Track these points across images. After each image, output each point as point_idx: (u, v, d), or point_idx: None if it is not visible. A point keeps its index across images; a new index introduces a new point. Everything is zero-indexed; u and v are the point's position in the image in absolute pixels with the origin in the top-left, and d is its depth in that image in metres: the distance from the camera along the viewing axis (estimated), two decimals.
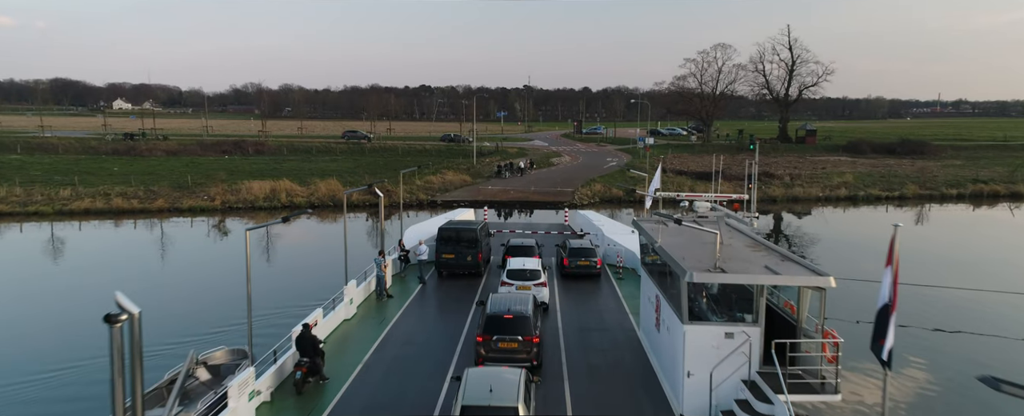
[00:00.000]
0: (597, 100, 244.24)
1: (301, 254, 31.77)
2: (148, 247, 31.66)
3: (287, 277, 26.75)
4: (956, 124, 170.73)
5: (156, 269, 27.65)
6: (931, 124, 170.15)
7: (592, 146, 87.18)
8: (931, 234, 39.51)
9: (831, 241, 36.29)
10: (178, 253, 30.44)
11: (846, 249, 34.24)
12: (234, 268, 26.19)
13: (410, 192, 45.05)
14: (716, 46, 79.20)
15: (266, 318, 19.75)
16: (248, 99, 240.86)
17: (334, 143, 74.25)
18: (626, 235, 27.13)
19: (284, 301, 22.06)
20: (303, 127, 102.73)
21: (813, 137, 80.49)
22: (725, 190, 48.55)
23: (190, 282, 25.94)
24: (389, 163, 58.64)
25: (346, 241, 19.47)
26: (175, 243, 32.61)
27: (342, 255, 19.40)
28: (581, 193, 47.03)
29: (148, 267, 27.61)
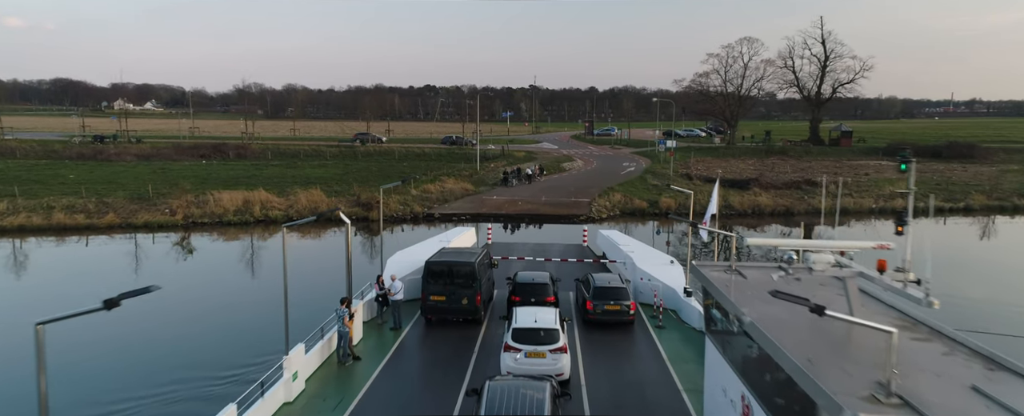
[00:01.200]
0: (604, 100, 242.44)
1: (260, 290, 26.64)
2: (58, 276, 26.77)
3: (229, 332, 21.23)
4: (984, 124, 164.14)
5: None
6: (962, 124, 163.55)
7: (606, 149, 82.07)
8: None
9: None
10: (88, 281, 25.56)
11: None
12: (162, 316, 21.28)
13: (404, 203, 40.19)
14: (742, 40, 74.09)
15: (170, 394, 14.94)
16: (251, 99, 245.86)
17: (325, 146, 69.50)
18: (662, 265, 22.06)
19: (208, 369, 17.12)
20: (296, 128, 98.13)
21: (848, 139, 74.98)
22: (764, 200, 43.36)
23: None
24: (383, 169, 53.80)
25: (349, 264, 14.70)
26: (95, 270, 27.78)
27: (314, 292, 14.52)
28: (599, 204, 41.95)
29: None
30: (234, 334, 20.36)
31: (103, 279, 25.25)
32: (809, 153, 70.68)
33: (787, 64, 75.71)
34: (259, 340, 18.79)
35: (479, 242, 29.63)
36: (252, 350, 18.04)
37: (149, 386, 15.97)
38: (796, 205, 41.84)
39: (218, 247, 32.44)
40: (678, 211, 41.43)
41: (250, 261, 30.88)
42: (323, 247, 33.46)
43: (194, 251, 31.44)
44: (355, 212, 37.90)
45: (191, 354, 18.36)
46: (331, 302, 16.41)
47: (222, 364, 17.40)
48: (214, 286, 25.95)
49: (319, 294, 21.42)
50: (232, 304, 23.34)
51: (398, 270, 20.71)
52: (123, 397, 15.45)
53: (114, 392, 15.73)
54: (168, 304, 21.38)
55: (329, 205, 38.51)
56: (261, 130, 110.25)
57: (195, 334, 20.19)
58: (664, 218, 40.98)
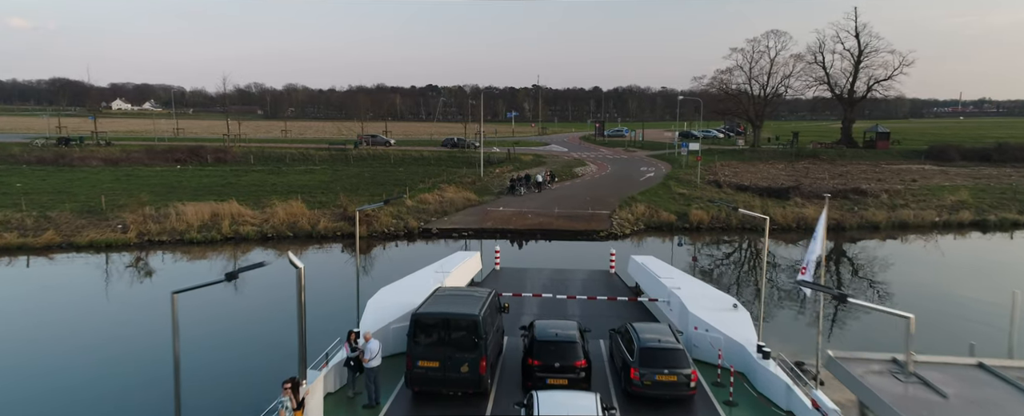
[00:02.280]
0: (609, 100, 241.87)
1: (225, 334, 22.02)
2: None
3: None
4: (1011, 124, 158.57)
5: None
6: (990, 124, 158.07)
7: (619, 151, 77.34)
8: None
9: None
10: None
11: None
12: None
13: (397, 216, 35.53)
14: (768, 33, 69.26)
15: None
16: (252, 99, 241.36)
17: (316, 149, 64.89)
18: (723, 310, 17.25)
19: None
20: (287, 130, 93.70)
21: (886, 141, 69.98)
22: (809, 213, 38.50)
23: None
24: (376, 176, 49.18)
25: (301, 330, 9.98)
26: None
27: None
28: (620, 217, 37.20)
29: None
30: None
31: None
32: (843, 156, 65.79)
33: (817, 59, 70.89)
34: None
35: (485, 268, 24.94)
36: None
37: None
38: (847, 218, 36.99)
39: (173, 270, 27.82)
40: (716, 224, 36.70)
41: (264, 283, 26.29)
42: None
43: (149, 272, 26.83)
44: (340, 227, 33.33)
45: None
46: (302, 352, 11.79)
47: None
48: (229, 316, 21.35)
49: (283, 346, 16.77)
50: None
51: (380, 318, 16.05)
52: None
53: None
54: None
55: (310, 219, 34.00)
56: (253, 131, 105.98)
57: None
58: (697, 233, 36.27)
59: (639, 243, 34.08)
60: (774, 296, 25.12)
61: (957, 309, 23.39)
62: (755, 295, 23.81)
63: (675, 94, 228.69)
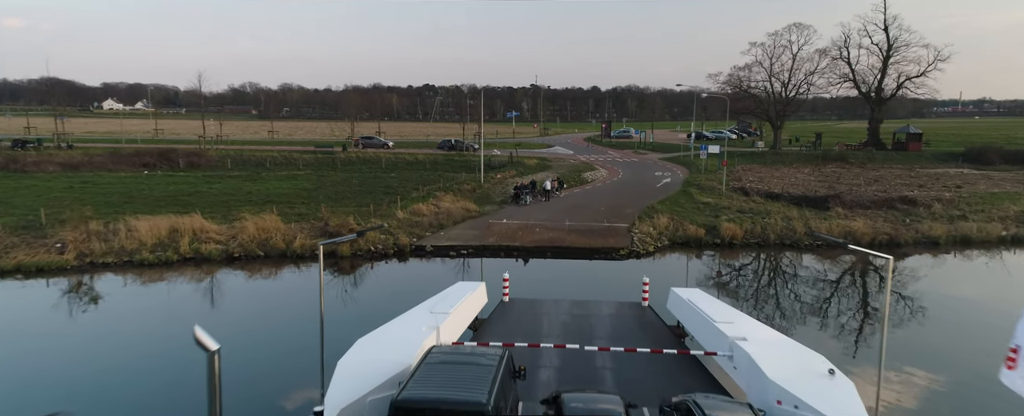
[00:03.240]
0: (608, 100, 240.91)
1: None
2: None
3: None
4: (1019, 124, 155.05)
5: None
6: (1001, 124, 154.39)
7: (628, 154, 73.23)
8: None
9: None
10: None
11: None
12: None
13: (387, 233, 31.32)
14: (790, 26, 65.16)
15: None
16: (247, 99, 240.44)
17: (300, 152, 60.60)
18: (813, 375, 12.85)
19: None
20: (274, 130, 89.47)
21: (918, 143, 65.88)
22: (857, 227, 34.41)
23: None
24: (365, 182, 44.95)
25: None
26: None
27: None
28: (642, 232, 33.03)
29: None
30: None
31: None
32: (872, 159, 61.72)
33: (842, 55, 66.84)
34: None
35: (492, 302, 20.70)
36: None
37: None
38: (901, 233, 32.81)
39: (111, 304, 23.55)
40: (751, 240, 32.52)
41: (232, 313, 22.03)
42: (288, 296, 24.47)
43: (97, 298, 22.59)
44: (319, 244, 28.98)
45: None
46: None
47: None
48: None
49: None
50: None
51: (353, 388, 11.73)
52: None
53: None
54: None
55: (285, 235, 29.76)
56: (240, 131, 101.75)
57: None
58: (729, 249, 32.08)
59: (660, 259, 29.89)
60: (861, 345, 20.91)
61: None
62: (842, 351, 19.56)
63: (675, 94, 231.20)
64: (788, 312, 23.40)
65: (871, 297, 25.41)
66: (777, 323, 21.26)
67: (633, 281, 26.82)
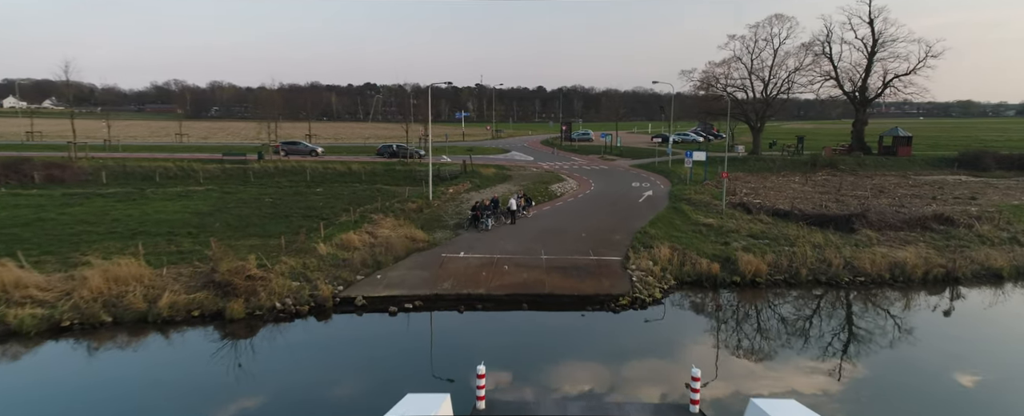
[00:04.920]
0: (554, 100, 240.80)
1: None
2: None
3: None
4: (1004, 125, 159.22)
5: None
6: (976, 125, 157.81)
7: (595, 160, 66.68)
8: None
9: None
10: None
11: None
12: None
13: (301, 274, 23.17)
14: (771, 18, 60.01)
15: None
16: (172, 97, 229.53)
17: (205, 161, 50.83)
18: None
19: None
20: (183, 133, 78.49)
21: (908, 147, 61.96)
22: (907, 258, 28.38)
23: None
24: (281, 202, 36.24)
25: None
26: None
27: None
28: (640, 267, 26.05)
29: None
30: None
31: None
32: (863, 166, 57.25)
33: (824, 51, 62.30)
34: None
35: (461, 412, 12.89)
36: None
37: None
38: (957, 264, 26.89)
39: None
40: (777, 276, 25.96)
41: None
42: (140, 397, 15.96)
43: None
44: (202, 302, 20.68)
45: None
46: None
47: None
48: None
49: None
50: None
51: None
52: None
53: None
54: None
55: (148, 288, 21.17)
56: (144, 133, 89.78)
57: None
58: (753, 289, 25.42)
59: (671, 308, 22.89)
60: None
61: None
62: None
63: (619, 93, 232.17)
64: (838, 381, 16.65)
65: (936, 347, 19.04)
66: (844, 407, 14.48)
67: (650, 348, 19.65)
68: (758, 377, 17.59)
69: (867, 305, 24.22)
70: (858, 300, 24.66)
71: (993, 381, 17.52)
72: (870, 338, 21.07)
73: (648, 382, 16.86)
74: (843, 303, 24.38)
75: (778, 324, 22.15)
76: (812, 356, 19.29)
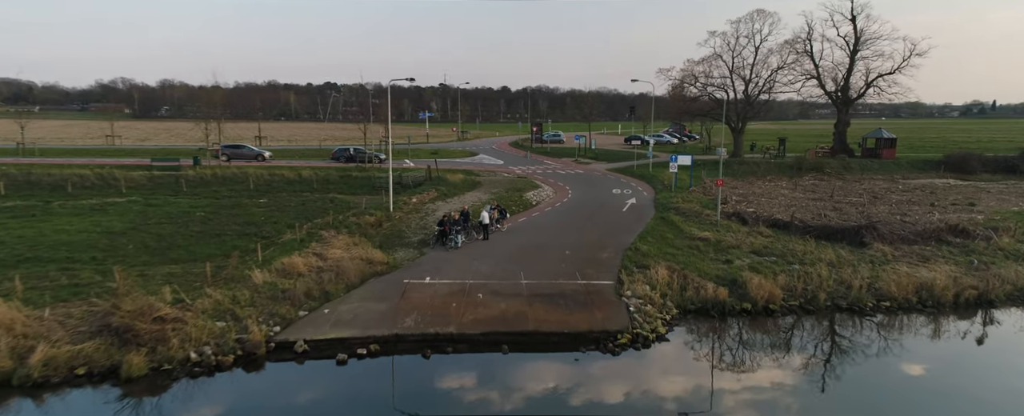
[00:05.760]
0: (519, 100, 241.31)
1: None
2: None
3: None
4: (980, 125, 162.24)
5: None
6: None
7: (569, 163, 63.25)
8: None
9: None
10: None
11: None
12: None
13: (227, 313, 18.89)
14: (752, 13, 57.58)
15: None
16: (119, 96, 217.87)
17: (132, 167, 45.33)
18: None
19: None
20: (116, 135, 72.19)
21: (892, 149, 60.28)
22: (935, 280, 25.37)
23: None
24: (216, 217, 31.51)
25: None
26: None
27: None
28: (637, 293, 22.52)
29: None
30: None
31: None
32: (849, 169, 55.19)
33: (805, 49, 60.21)
34: None
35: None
36: None
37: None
38: (989, 285, 24.08)
39: None
40: (792, 301, 22.70)
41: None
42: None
43: None
44: (89, 355, 16.27)
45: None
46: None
47: None
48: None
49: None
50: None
51: None
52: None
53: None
54: None
55: (22, 332, 16.66)
56: (76, 135, 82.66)
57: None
58: (767, 318, 22.12)
59: (678, 344, 19.36)
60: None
61: None
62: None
63: (583, 94, 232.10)
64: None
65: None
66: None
67: (660, 403, 16.03)
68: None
69: (901, 336, 21.13)
70: (888, 330, 21.56)
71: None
72: (916, 382, 17.89)
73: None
74: (875, 335, 21.21)
75: (807, 364, 18.78)
76: (856, 407, 15.93)
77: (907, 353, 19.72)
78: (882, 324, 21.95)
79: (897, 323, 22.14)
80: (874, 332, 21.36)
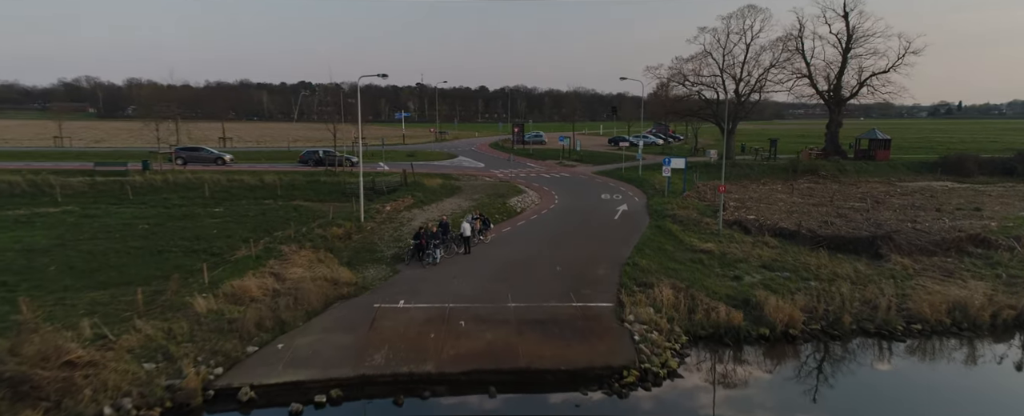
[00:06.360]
0: (497, 100, 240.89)
1: None
2: None
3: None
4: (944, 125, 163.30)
5: None
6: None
7: (553, 166, 60.58)
8: None
9: None
10: None
11: None
12: None
13: (162, 349, 15.74)
14: (743, 9, 55.52)
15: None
16: (83, 95, 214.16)
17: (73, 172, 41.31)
18: None
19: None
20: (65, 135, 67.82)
21: (886, 150, 58.62)
22: (972, 299, 22.93)
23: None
24: (162, 228, 28.11)
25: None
26: None
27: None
28: (640, 318, 19.92)
29: None
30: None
31: None
32: (844, 171, 53.36)
33: (797, 47, 58.34)
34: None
35: None
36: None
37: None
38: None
39: None
40: (813, 325, 20.20)
41: None
42: None
43: None
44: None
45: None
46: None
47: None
48: None
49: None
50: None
51: None
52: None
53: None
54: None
55: None
56: (16, 135, 77.73)
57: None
58: (788, 345, 19.61)
59: (692, 382, 16.74)
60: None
61: None
62: None
63: (561, 94, 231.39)
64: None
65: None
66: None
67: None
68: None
69: (942, 365, 18.77)
70: (925, 357, 19.21)
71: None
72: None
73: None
74: (913, 363, 18.82)
75: (844, 403, 16.24)
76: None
77: (952, 385, 17.38)
78: (916, 350, 19.59)
79: (932, 348, 19.78)
80: (911, 360, 18.99)
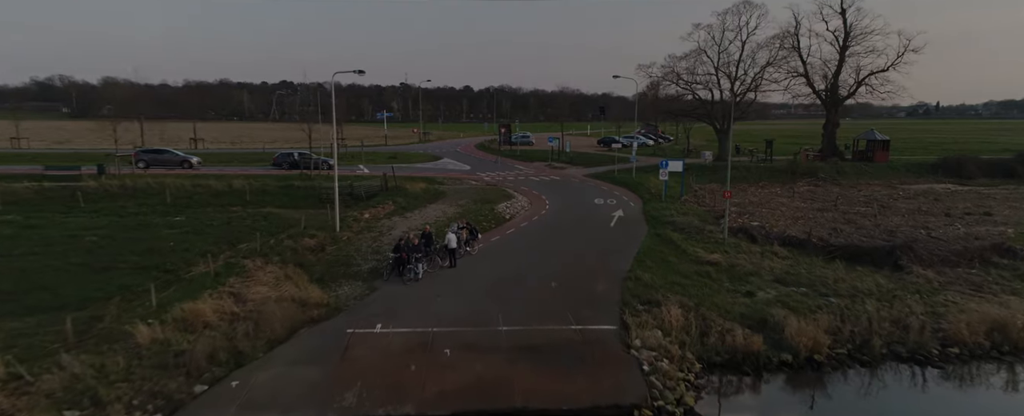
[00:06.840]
0: (481, 100, 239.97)
1: None
2: None
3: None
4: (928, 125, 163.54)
5: None
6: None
7: (542, 168, 58.41)
8: None
9: None
10: None
11: None
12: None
13: (90, 391, 13.18)
14: (738, 5, 53.78)
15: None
16: (56, 94, 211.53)
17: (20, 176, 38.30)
18: None
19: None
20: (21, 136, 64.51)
21: (885, 152, 57.14)
22: (989, 312, 21.06)
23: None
24: (112, 240, 25.47)
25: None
26: None
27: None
28: (648, 344, 17.81)
29: None
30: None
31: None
32: (843, 173, 51.77)
33: (793, 44, 56.74)
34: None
35: None
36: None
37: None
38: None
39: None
40: (839, 349, 18.14)
41: None
42: None
43: None
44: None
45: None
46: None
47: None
48: None
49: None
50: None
51: None
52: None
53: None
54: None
55: None
56: None
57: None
58: (813, 373, 17.56)
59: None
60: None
61: None
62: None
63: (547, 94, 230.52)
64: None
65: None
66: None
67: None
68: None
69: (983, 394, 16.83)
70: (964, 385, 17.29)
71: None
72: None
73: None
74: (953, 394, 16.84)
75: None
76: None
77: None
78: (954, 376, 17.65)
79: (971, 375, 17.83)
80: (949, 389, 17.07)
